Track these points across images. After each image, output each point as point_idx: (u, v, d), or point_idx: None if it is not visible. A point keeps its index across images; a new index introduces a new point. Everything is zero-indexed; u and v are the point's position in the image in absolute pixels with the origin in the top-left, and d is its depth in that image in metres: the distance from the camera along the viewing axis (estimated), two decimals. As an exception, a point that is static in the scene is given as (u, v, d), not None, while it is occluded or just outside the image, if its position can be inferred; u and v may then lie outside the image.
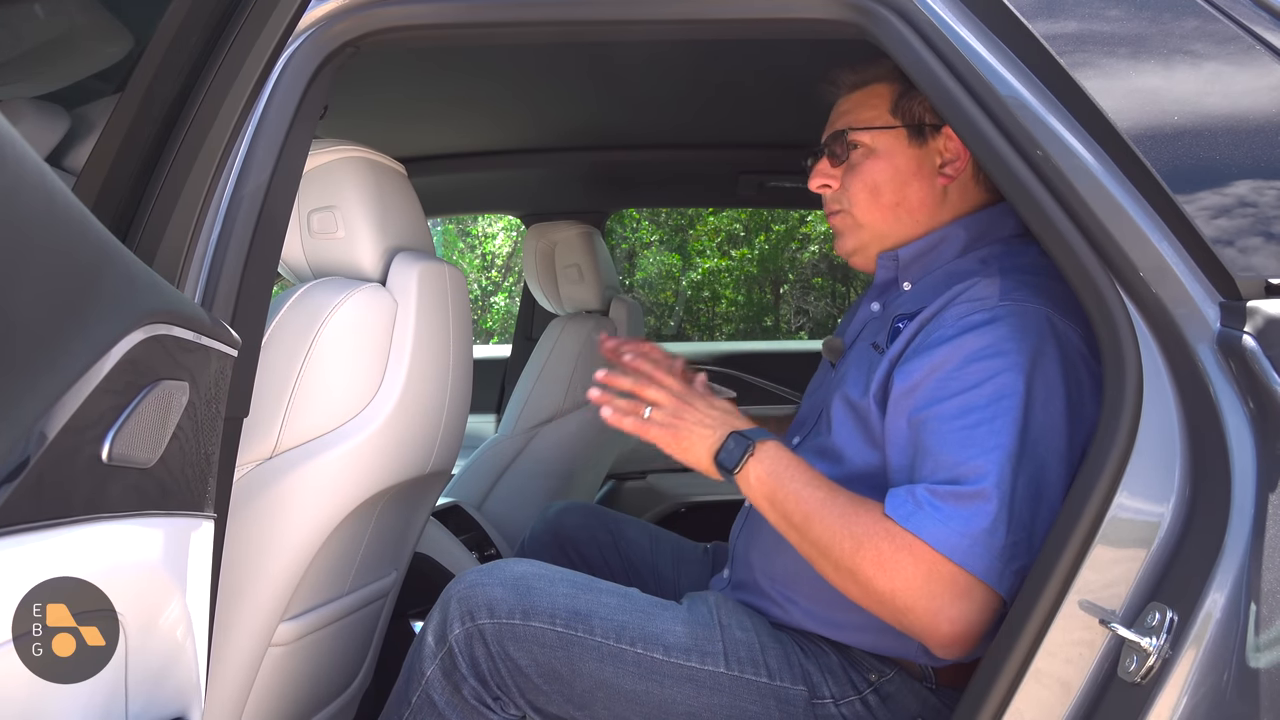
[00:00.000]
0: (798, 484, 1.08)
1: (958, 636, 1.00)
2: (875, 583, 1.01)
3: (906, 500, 1.02)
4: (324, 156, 1.25)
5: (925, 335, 1.10)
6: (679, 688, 1.14)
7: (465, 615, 1.15)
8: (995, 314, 1.06)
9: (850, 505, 1.05)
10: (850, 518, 1.04)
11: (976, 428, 1.01)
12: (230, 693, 1.17)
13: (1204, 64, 0.96)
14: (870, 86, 1.25)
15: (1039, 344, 1.04)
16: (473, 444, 2.57)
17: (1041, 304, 1.06)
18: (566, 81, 1.92)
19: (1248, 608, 0.78)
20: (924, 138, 1.21)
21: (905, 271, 1.24)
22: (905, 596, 1.00)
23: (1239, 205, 0.88)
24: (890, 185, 1.22)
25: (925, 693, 1.15)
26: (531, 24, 1.13)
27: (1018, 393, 1.01)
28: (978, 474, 1.00)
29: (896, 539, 1.00)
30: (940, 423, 1.04)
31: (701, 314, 8.25)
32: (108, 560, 0.75)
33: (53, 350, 0.66)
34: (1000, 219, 1.22)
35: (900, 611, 1.01)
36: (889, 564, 1.00)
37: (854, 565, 1.02)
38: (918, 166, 1.22)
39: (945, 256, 1.22)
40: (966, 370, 1.04)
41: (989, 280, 1.10)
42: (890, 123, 1.22)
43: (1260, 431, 0.82)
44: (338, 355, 1.18)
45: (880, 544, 1.01)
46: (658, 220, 8.36)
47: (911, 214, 1.22)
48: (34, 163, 0.63)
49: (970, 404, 1.03)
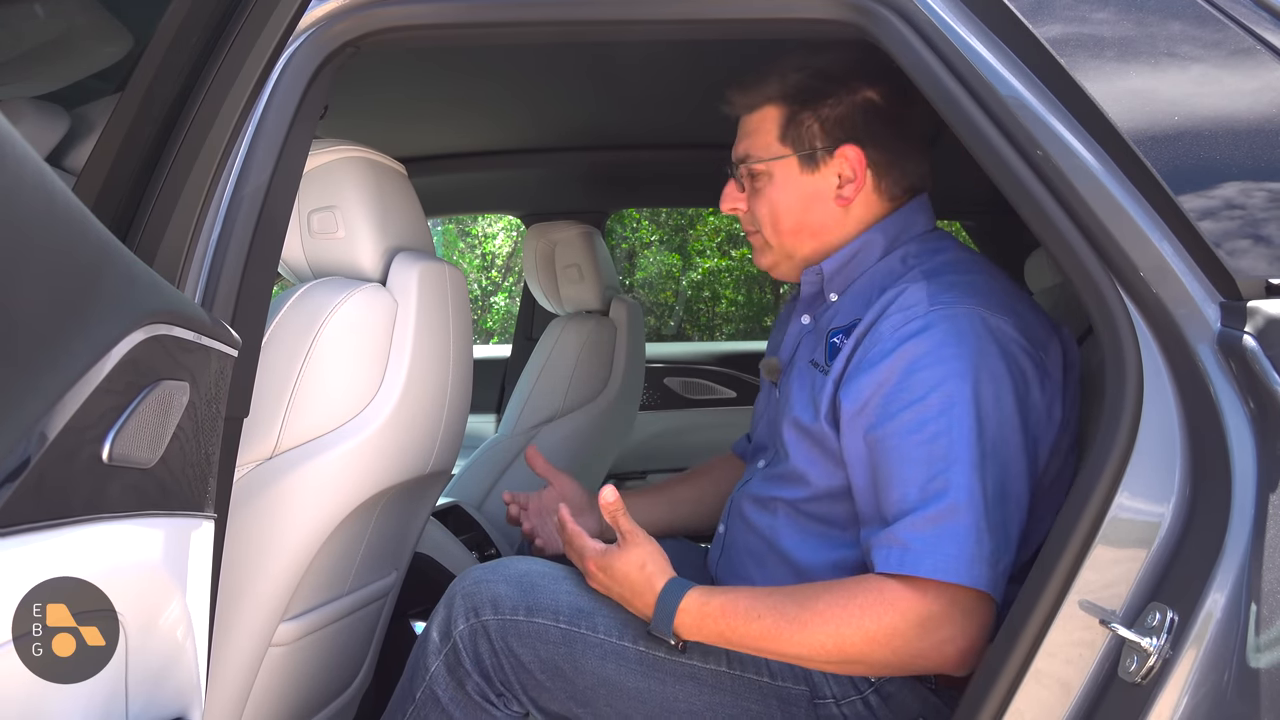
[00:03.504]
0: (740, 625, 1.07)
1: (969, 651, 1.01)
2: (876, 655, 1.02)
3: (890, 549, 1.02)
4: (324, 156, 1.25)
5: (864, 351, 1.11)
6: (681, 685, 1.14)
7: (470, 611, 1.16)
8: (928, 320, 1.06)
9: (802, 610, 1.04)
10: (812, 624, 1.04)
11: (934, 441, 1.02)
12: (230, 693, 1.17)
13: (1204, 64, 0.96)
14: (761, 109, 1.24)
15: (977, 344, 1.04)
16: (473, 444, 2.57)
17: (972, 304, 1.07)
18: (566, 81, 1.92)
19: (1248, 608, 0.78)
20: (815, 163, 1.21)
21: (830, 283, 1.24)
22: (909, 648, 1.01)
23: (1239, 205, 0.88)
24: (788, 212, 1.23)
25: (926, 692, 1.15)
26: (531, 24, 1.13)
27: (965, 399, 1.02)
28: (943, 488, 1.01)
29: (873, 609, 1.01)
30: (897, 439, 1.04)
31: (701, 314, 8.25)
32: (108, 560, 0.75)
33: (53, 350, 0.66)
34: (913, 216, 1.23)
35: (911, 662, 1.03)
36: (878, 636, 1.01)
37: (846, 656, 1.03)
38: (813, 191, 1.22)
39: (866, 262, 1.22)
40: (910, 383, 1.05)
41: (916, 286, 1.11)
42: (780, 152, 1.22)
43: (1260, 432, 0.82)
44: (338, 355, 1.18)
45: (860, 624, 1.01)
46: (658, 220, 8.36)
47: (815, 235, 1.23)
48: (34, 163, 0.63)
49: (922, 418, 1.03)
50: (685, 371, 3.17)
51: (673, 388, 3.14)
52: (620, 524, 1.16)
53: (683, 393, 3.14)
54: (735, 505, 1.32)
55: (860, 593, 1.03)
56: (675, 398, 3.13)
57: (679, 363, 3.17)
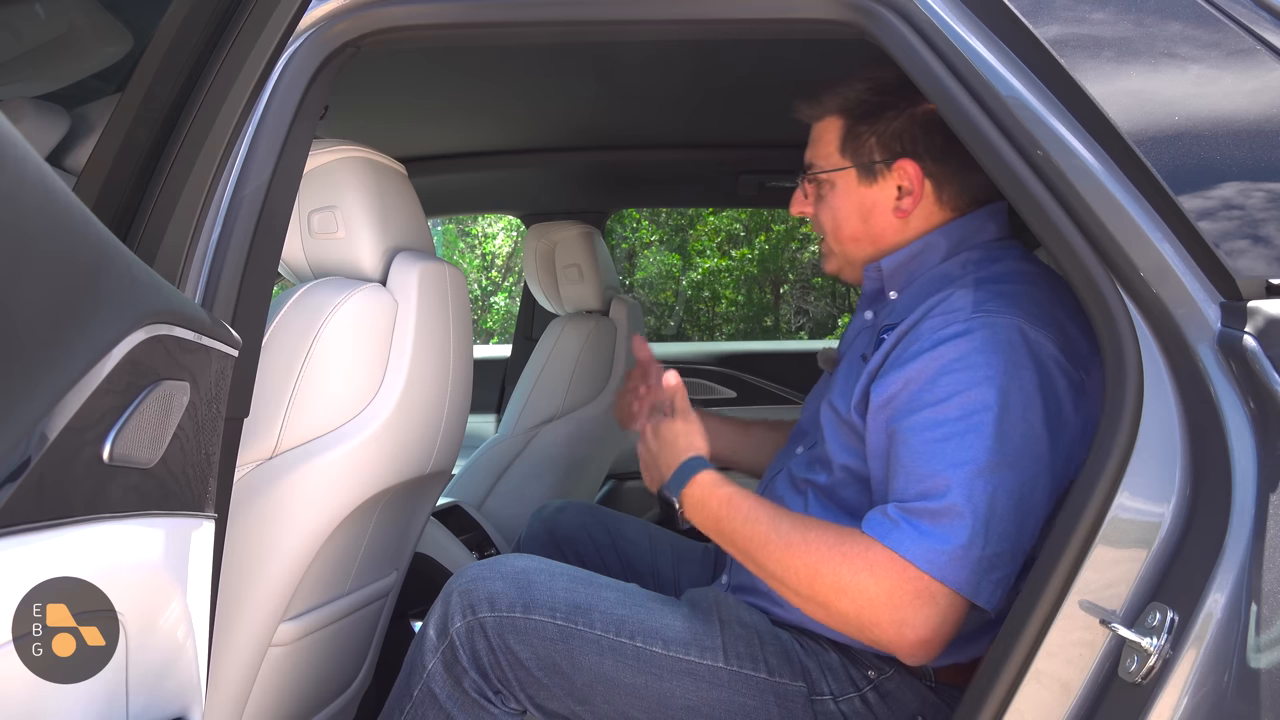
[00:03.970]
0: (736, 520, 1.11)
1: (923, 643, 1.01)
2: (838, 605, 1.03)
3: (882, 520, 1.03)
4: (324, 156, 1.25)
5: (902, 349, 1.11)
6: (678, 681, 1.14)
7: (467, 609, 1.16)
8: (969, 326, 1.06)
9: (794, 532, 1.07)
10: (796, 549, 1.06)
11: (946, 441, 1.02)
12: (231, 693, 1.17)
13: (1204, 64, 0.96)
14: (824, 120, 1.27)
15: (1011, 355, 1.04)
16: (473, 444, 2.57)
17: (1014, 315, 1.06)
18: (567, 81, 1.92)
19: (1248, 608, 0.78)
20: (874, 175, 1.23)
21: (890, 281, 1.25)
22: (870, 613, 1.01)
23: (1240, 205, 0.88)
24: (848, 221, 1.26)
25: (925, 690, 1.15)
26: (532, 24, 1.13)
27: (990, 407, 1.02)
28: (944, 488, 1.01)
29: (853, 561, 1.02)
30: (911, 435, 1.05)
31: (701, 314, 8.25)
32: (108, 560, 0.75)
33: (54, 350, 0.66)
34: (980, 223, 1.23)
35: (866, 627, 1.03)
36: (849, 588, 1.02)
37: (813, 594, 1.04)
38: (872, 203, 1.24)
39: (928, 264, 1.22)
40: (938, 383, 1.05)
41: (964, 292, 1.11)
42: (839, 164, 1.24)
43: (1261, 432, 0.82)
44: (338, 355, 1.18)
45: (838, 569, 1.03)
46: (658, 220, 8.36)
47: (874, 243, 1.25)
48: (34, 163, 0.63)
49: (941, 417, 1.04)
50: (685, 371, 3.16)
51: (673, 388, 3.13)
52: (678, 402, 1.25)
53: (683, 393, 3.13)
54: (770, 484, 1.33)
55: (851, 543, 1.03)
56: (675, 398, 3.12)
57: (679, 363, 3.17)
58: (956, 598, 1.00)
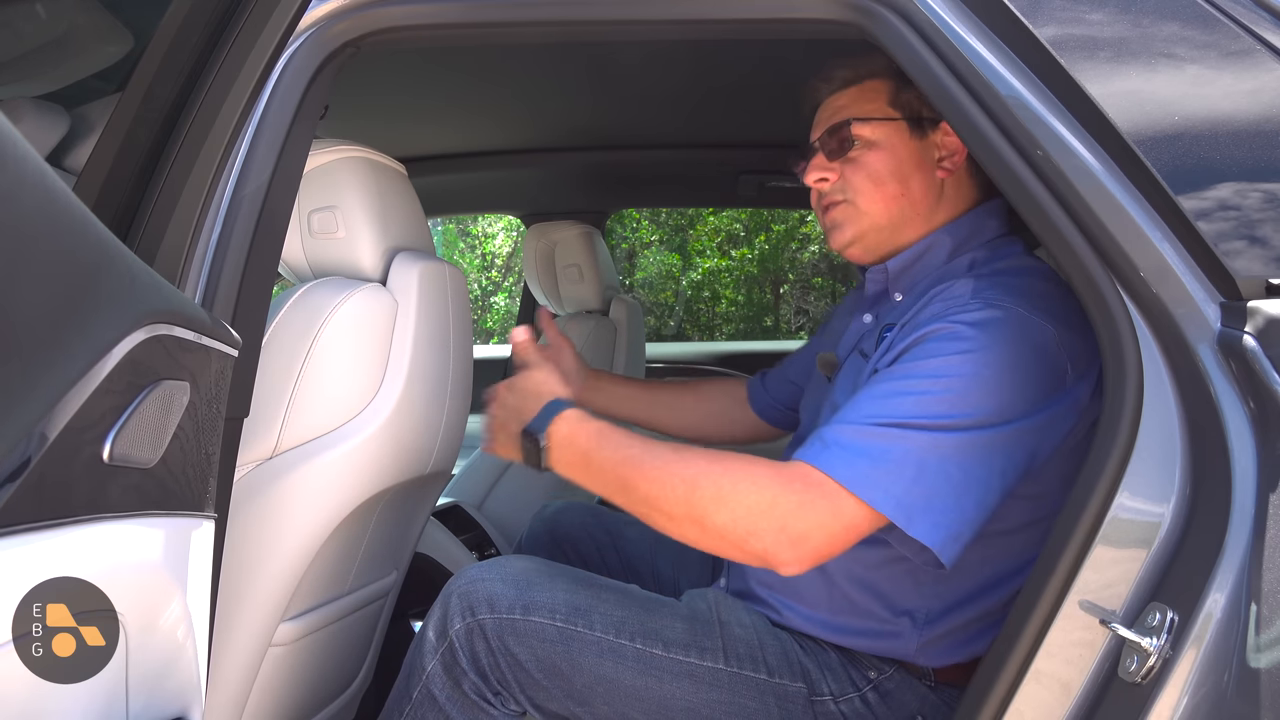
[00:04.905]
0: (608, 449, 1.06)
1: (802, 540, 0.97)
2: (714, 518, 0.99)
3: (814, 442, 1.01)
4: (324, 156, 1.25)
5: (901, 336, 1.11)
6: (678, 683, 1.14)
7: (466, 610, 1.16)
8: (964, 308, 1.06)
9: (673, 453, 1.04)
10: (676, 464, 1.02)
11: (903, 396, 1.01)
12: (231, 693, 1.17)
13: (1203, 64, 0.96)
14: (865, 83, 1.25)
15: (1000, 335, 1.03)
16: (473, 444, 2.56)
17: (1014, 303, 1.06)
18: (566, 81, 1.92)
19: (1248, 608, 0.78)
20: (923, 130, 1.22)
21: (895, 283, 1.25)
22: (748, 520, 0.97)
23: (1240, 205, 0.88)
24: (893, 176, 1.22)
25: (925, 690, 1.16)
26: (531, 24, 1.13)
27: (963, 374, 1.00)
28: (902, 422, 0.99)
29: (733, 472, 0.99)
30: (876, 383, 1.04)
31: (701, 314, 8.25)
32: (108, 560, 0.75)
33: (54, 350, 0.66)
34: (984, 220, 1.22)
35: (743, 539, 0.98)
36: (728, 498, 0.98)
37: (689, 509, 1.00)
38: (918, 159, 1.22)
39: (933, 264, 1.22)
40: (918, 350, 1.05)
41: (964, 282, 1.12)
42: (891, 114, 1.22)
43: (1261, 432, 0.82)
44: (338, 355, 1.18)
45: (718, 480, 0.99)
46: (658, 220, 8.36)
47: (914, 205, 1.22)
48: (34, 163, 0.63)
49: (908, 372, 1.03)
50: (685, 371, 3.17)
51: (673, 388, 3.14)
52: (530, 356, 1.25)
53: (683, 393, 3.14)
54: None
55: (731, 459, 1.00)
56: (675, 398, 3.13)
57: (679, 363, 3.17)
58: (860, 517, 0.97)
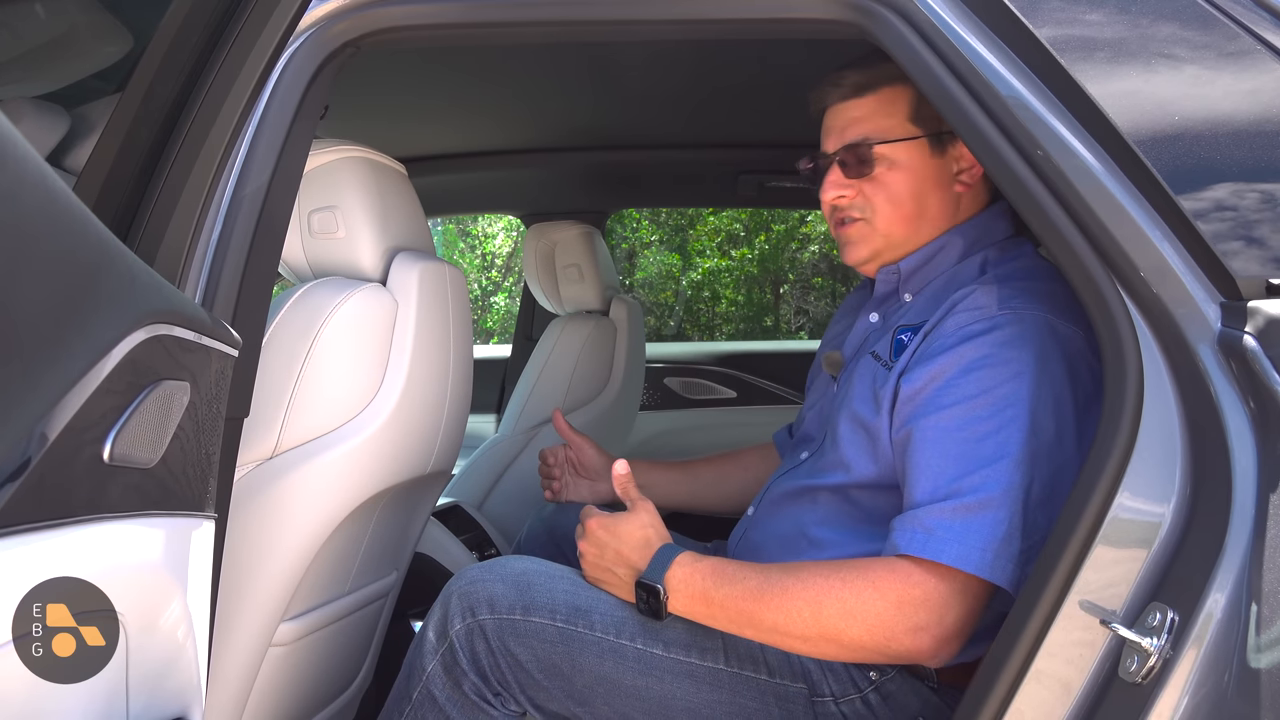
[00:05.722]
0: (726, 586, 1.08)
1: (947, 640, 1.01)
2: (850, 633, 1.02)
3: (916, 531, 1.02)
4: (324, 156, 1.25)
5: (927, 345, 1.11)
6: (678, 683, 1.14)
7: (466, 611, 1.16)
8: (995, 322, 1.06)
9: (790, 577, 1.05)
10: (796, 589, 1.04)
11: (982, 441, 1.02)
12: (231, 693, 1.17)
13: (1204, 64, 0.96)
14: (881, 91, 1.21)
15: (1041, 349, 1.03)
16: (473, 444, 2.57)
17: (1040, 309, 1.06)
18: (566, 81, 1.92)
19: (1248, 608, 0.78)
20: (944, 147, 1.20)
21: (906, 284, 1.24)
22: (884, 628, 1.01)
23: (1240, 205, 0.88)
24: (912, 198, 1.20)
25: (927, 691, 1.15)
26: (531, 24, 1.13)
27: (1022, 400, 1.01)
28: (982, 483, 1.00)
29: (854, 584, 1.01)
30: (940, 433, 1.04)
31: (701, 314, 8.25)
32: (108, 560, 0.75)
33: (54, 350, 0.66)
34: (994, 222, 1.22)
35: (883, 645, 1.02)
36: (857, 612, 1.01)
37: (821, 630, 1.03)
38: (938, 177, 1.21)
39: (944, 264, 1.22)
40: (966, 379, 1.04)
41: (987, 289, 1.11)
42: (912, 132, 1.20)
43: (1261, 432, 0.82)
44: (338, 355, 1.18)
45: (842, 596, 1.02)
46: (658, 220, 8.36)
47: (931, 222, 1.22)
48: (34, 163, 0.63)
49: (969, 416, 1.03)
50: (685, 371, 3.17)
51: (673, 388, 3.14)
52: (630, 493, 1.23)
53: (683, 393, 3.14)
54: (770, 491, 1.32)
55: (848, 569, 1.03)
56: (675, 398, 3.13)
57: (679, 363, 3.17)
58: (982, 590, 1.00)
